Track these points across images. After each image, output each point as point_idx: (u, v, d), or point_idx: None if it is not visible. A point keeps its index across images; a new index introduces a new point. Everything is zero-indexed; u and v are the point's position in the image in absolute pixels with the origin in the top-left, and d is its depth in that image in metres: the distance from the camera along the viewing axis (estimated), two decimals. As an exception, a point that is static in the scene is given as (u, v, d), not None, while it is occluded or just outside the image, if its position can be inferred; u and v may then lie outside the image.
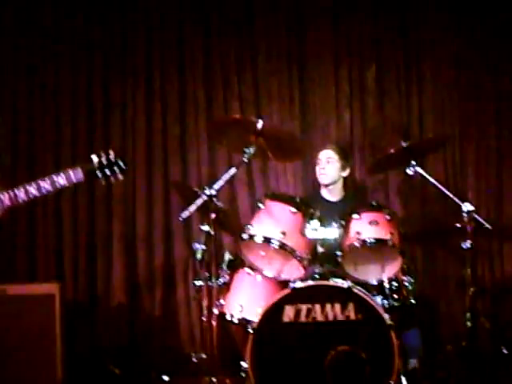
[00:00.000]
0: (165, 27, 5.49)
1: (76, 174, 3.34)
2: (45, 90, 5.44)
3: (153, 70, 5.49)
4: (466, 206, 4.13)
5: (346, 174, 4.88)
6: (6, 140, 5.37)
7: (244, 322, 4.22)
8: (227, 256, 4.50)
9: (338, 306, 3.99)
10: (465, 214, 4.13)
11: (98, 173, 3.34)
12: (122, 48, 5.48)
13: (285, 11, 5.47)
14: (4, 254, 5.23)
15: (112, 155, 3.34)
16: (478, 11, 5.34)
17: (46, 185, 3.33)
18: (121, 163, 3.35)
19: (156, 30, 5.49)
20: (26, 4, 5.42)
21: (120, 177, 3.37)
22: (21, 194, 3.33)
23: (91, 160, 3.34)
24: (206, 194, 4.18)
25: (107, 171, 3.34)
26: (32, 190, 3.33)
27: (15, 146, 5.38)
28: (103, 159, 3.34)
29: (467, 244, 4.14)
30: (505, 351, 4.63)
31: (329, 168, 4.83)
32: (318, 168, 4.87)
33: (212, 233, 4.26)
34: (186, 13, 5.50)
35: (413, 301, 4.22)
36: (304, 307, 4.01)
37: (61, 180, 3.34)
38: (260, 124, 4.26)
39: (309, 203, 4.32)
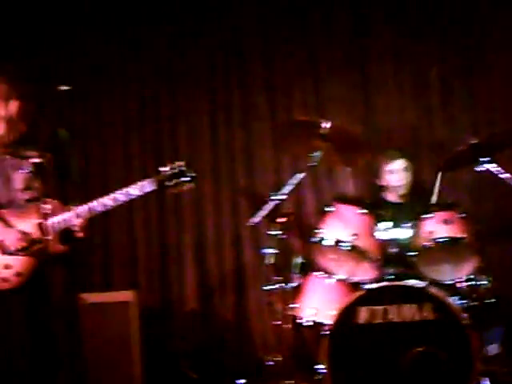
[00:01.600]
0: (226, 36, 5.56)
1: (149, 185, 3.42)
2: (113, 104, 5.59)
3: (215, 79, 5.57)
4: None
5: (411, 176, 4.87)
6: (78, 155, 5.51)
7: (317, 325, 4.23)
8: (298, 260, 4.53)
9: (414, 307, 3.95)
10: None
11: (169, 183, 3.41)
12: (185, 59, 5.58)
13: (345, 14, 5.47)
14: (81, 264, 5.37)
15: (181, 165, 3.42)
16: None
17: (120, 196, 3.42)
18: (190, 172, 3.42)
19: (218, 39, 5.57)
20: (95, 11, 5.57)
21: (190, 185, 3.44)
22: (97, 206, 3.43)
23: (162, 171, 3.42)
24: (274, 199, 4.22)
25: (178, 180, 3.42)
26: (108, 201, 3.42)
27: (87, 161, 5.51)
28: (173, 169, 3.41)
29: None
30: None
31: (406, 177, 4.80)
32: (390, 177, 4.82)
33: (282, 237, 4.31)
34: (247, 21, 5.56)
35: (492, 299, 4.15)
36: (379, 308, 3.99)
37: (135, 191, 3.42)
38: (326, 125, 4.27)
39: (378, 204, 4.31)
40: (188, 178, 3.42)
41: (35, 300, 3.42)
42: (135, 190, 3.42)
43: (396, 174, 4.81)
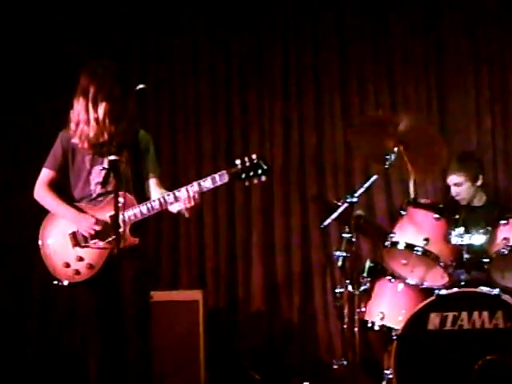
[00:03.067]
0: (300, 36, 5.57)
1: (221, 177, 3.44)
2: (186, 103, 5.64)
3: (289, 78, 5.56)
4: None
5: (480, 182, 4.68)
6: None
7: (385, 330, 4.20)
8: (368, 263, 4.50)
9: (485, 314, 3.90)
10: None
11: (242, 175, 3.42)
12: (259, 58, 5.60)
13: (421, 16, 5.40)
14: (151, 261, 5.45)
15: (254, 157, 3.43)
16: None
17: (194, 188, 3.45)
18: (263, 165, 3.42)
19: (292, 38, 5.57)
20: (161, 18, 5.64)
21: (263, 178, 3.44)
22: (170, 198, 3.47)
23: (235, 164, 3.43)
24: (346, 202, 4.20)
25: (250, 173, 3.42)
26: (181, 194, 3.46)
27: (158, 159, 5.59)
28: (246, 162, 3.42)
29: None
30: None
31: (460, 191, 4.67)
32: (453, 191, 4.72)
33: (353, 240, 4.28)
34: (321, 21, 5.55)
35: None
36: (450, 315, 3.94)
37: (207, 183, 3.45)
38: (403, 123, 4.21)
39: (453, 209, 4.24)
40: (261, 171, 3.42)
41: (106, 293, 3.49)
42: (207, 183, 3.44)
43: (452, 187, 4.71)
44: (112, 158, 3.22)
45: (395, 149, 4.32)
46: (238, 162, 3.42)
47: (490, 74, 5.32)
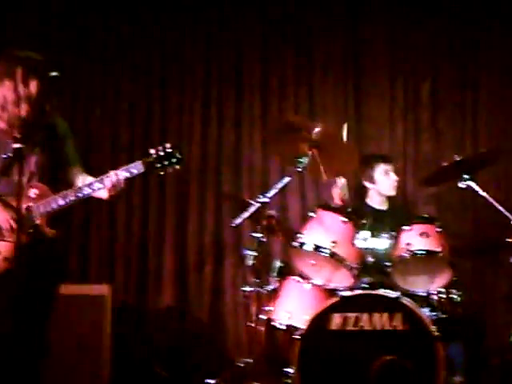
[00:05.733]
0: (223, 33, 5.60)
1: (136, 167, 3.44)
2: (105, 95, 5.60)
3: (210, 76, 5.59)
4: (516, 221, 4.10)
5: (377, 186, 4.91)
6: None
7: (291, 329, 4.24)
8: (277, 263, 4.55)
9: (385, 316, 3.99)
10: (515, 229, 4.10)
11: (157, 164, 3.44)
12: (181, 53, 5.61)
13: (341, 24, 5.53)
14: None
15: (168, 146, 3.44)
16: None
17: (111, 178, 3.42)
18: (177, 154, 3.45)
19: (214, 35, 5.60)
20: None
21: (177, 167, 3.47)
22: (86, 190, 3.44)
23: (149, 153, 3.45)
24: (258, 202, 4.25)
25: (165, 162, 3.44)
26: (97, 184, 3.44)
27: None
28: (160, 151, 3.44)
29: (516, 259, 4.11)
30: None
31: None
32: (386, 177, 4.85)
33: (263, 240, 4.34)
34: (244, 19, 5.60)
35: (460, 314, 4.21)
36: (352, 316, 4.02)
37: (124, 173, 3.44)
38: (317, 129, 4.30)
39: (360, 212, 4.35)
40: (175, 160, 3.44)
41: (20, 285, 3.42)
42: (124, 172, 3.43)
43: (392, 173, 4.85)
44: (17, 145, 3.16)
45: (309, 152, 4.39)
46: (152, 151, 3.44)
47: (405, 84, 5.48)
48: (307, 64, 5.57)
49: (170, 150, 3.42)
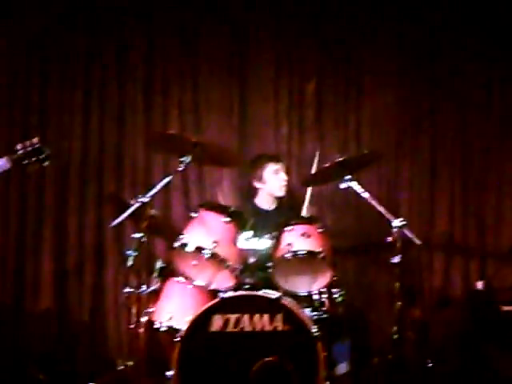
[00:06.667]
0: (105, 31, 5.45)
1: (2, 164, 3.31)
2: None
3: (92, 70, 5.42)
4: (396, 222, 4.17)
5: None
6: None
7: (172, 331, 4.19)
8: (159, 264, 4.48)
9: (266, 317, 3.99)
10: (395, 230, 4.18)
11: (24, 160, 3.33)
12: (60, 48, 5.40)
13: (228, 22, 5.47)
14: None
15: (36, 141, 3.35)
16: (418, 29, 5.47)
17: None
18: (45, 149, 3.35)
19: (97, 33, 5.44)
20: None
21: (45, 164, 3.37)
22: None
23: (16, 149, 3.33)
24: (138, 201, 4.16)
25: (33, 158, 3.34)
26: None
27: None
28: (27, 147, 3.33)
29: (396, 259, 4.18)
30: (430, 364, 4.69)
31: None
32: (276, 176, 4.85)
33: (144, 240, 4.24)
34: (130, 19, 5.46)
35: (342, 313, 4.26)
36: (232, 317, 4.00)
37: None
38: (195, 142, 4.28)
39: (242, 213, 4.33)
40: (43, 156, 3.34)
41: None
42: None
43: (282, 173, 4.86)
44: None
45: (191, 152, 4.33)
46: (19, 146, 3.33)
47: (290, 82, 5.50)
48: (192, 61, 5.49)
49: (37, 146, 3.32)
